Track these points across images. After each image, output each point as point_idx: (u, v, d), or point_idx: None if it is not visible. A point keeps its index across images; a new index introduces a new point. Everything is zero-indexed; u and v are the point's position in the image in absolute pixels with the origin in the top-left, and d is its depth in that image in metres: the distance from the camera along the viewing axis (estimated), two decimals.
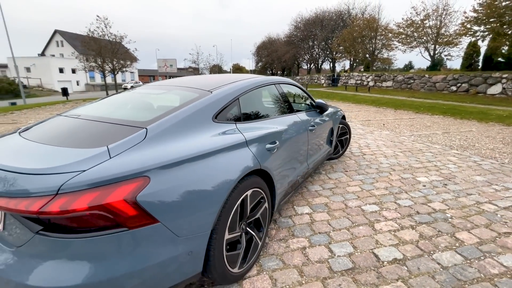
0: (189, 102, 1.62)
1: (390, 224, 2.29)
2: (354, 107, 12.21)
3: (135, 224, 1.06)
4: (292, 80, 2.98)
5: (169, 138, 1.34)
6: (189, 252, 1.22)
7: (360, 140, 5.42)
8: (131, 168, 1.09)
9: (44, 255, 1.01)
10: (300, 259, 1.85)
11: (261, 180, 1.73)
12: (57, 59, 39.41)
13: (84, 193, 0.99)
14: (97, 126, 1.47)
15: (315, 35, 41.50)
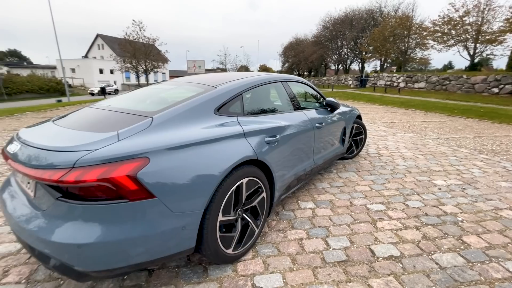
0: (193, 96, 1.78)
1: (393, 223, 2.27)
2: (380, 108, 11.75)
3: (135, 197, 1.23)
4: (302, 79, 3.04)
5: (172, 126, 1.50)
6: (182, 227, 1.37)
7: (379, 142, 5.27)
8: (134, 150, 1.27)
9: (62, 218, 1.22)
10: (295, 249, 1.93)
11: (258, 170, 1.84)
12: (98, 61, 42.74)
13: (94, 168, 1.18)
14: (113, 115, 1.68)
15: (343, 35, 40.36)
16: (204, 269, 1.72)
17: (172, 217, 1.33)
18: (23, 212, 1.35)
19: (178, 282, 1.61)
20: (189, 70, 38.59)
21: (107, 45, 45.94)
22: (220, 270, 1.71)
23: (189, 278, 1.64)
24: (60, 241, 1.17)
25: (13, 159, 1.37)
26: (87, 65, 40.58)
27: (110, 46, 44.16)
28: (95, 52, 48.65)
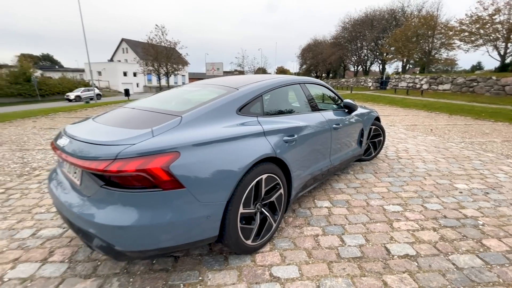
0: (217, 97, 1.92)
1: (410, 224, 2.28)
2: (401, 111, 11.44)
3: (167, 187, 1.38)
4: (320, 81, 3.10)
5: (199, 124, 1.65)
6: (207, 216, 1.51)
7: (399, 144, 5.18)
8: (166, 145, 1.42)
9: (105, 203, 1.39)
10: (311, 244, 2.01)
11: (277, 167, 1.94)
12: (122, 64, 44.79)
13: (133, 160, 1.34)
14: (146, 114, 1.86)
15: (363, 36, 39.50)
16: (225, 258, 1.85)
17: (199, 206, 1.47)
18: (71, 198, 1.55)
19: (201, 268, 1.75)
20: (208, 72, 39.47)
21: (131, 49, 48.02)
22: (240, 260, 1.83)
23: (211, 265, 1.77)
24: (104, 223, 1.34)
25: (63, 151, 1.57)
26: (112, 68, 42.64)
27: (134, 50, 46.14)
28: (119, 55, 51.00)
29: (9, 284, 1.62)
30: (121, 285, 1.60)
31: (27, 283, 1.63)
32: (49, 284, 1.61)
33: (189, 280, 1.64)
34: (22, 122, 8.66)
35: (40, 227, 2.24)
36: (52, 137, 6.09)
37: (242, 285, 1.60)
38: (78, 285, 1.61)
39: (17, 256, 1.87)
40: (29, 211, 2.54)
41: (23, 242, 2.04)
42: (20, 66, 26.60)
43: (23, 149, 4.95)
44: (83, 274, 1.70)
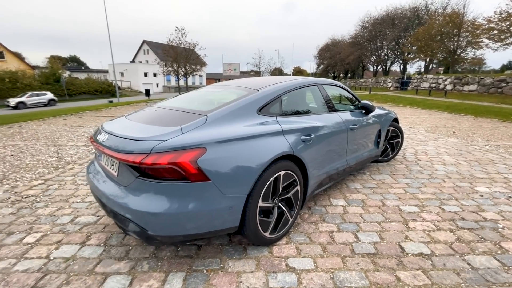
0: (239, 98, 2.05)
1: (426, 225, 2.30)
2: (422, 112, 11.10)
3: (195, 179, 1.52)
4: (338, 82, 3.16)
5: (223, 123, 1.79)
6: (229, 207, 1.64)
7: (418, 146, 5.09)
8: (194, 141, 1.57)
9: (140, 192, 1.56)
10: (326, 239, 2.09)
11: (294, 165, 2.04)
12: (143, 65, 46.42)
13: (165, 154, 1.50)
14: (174, 113, 2.02)
15: (384, 35, 38.41)
16: (243, 249, 1.97)
17: (222, 198, 1.61)
18: (109, 187, 1.74)
19: (222, 256, 1.89)
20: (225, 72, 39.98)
21: (151, 50, 49.63)
22: (258, 251, 1.94)
23: (231, 255, 1.91)
24: (139, 209, 1.51)
25: (102, 146, 1.77)
26: (134, 69, 44.31)
27: (154, 51, 47.65)
28: (141, 57, 52.86)
29: (55, 262, 1.84)
30: (151, 267, 1.77)
31: (69, 262, 1.84)
32: (88, 264, 1.81)
33: (211, 266, 1.79)
34: (54, 120, 9.30)
35: (77, 215, 2.48)
36: (83, 133, 6.52)
37: (260, 273, 1.72)
38: (114, 266, 1.79)
39: (59, 239, 2.10)
40: (67, 200, 2.80)
41: (64, 227, 2.28)
42: (51, 67, 28.36)
43: (57, 144, 5.36)
44: (117, 256, 1.89)
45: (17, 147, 5.09)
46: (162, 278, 1.68)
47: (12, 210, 2.59)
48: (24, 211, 2.56)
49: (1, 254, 1.92)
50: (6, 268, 1.77)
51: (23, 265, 1.81)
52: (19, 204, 2.70)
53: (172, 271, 1.74)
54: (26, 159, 4.27)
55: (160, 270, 1.75)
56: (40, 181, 3.35)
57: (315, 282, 1.64)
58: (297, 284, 1.62)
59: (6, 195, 2.91)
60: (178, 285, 1.62)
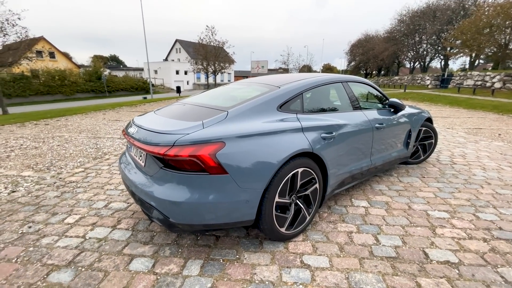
0: (260, 94, 2.08)
1: (456, 232, 2.15)
2: (464, 112, 10.21)
3: (214, 171, 1.59)
4: (364, 79, 3.05)
5: (243, 119, 1.83)
6: (246, 201, 1.69)
7: (455, 149, 4.72)
8: (214, 135, 1.63)
9: (164, 181, 1.67)
10: (344, 239, 2.05)
11: (313, 162, 2.03)
12: (175, 63, 48.42)
13: (187, 147, 1.58)
14: (197, 109, 2.12)
15: (423, 29, 35.73)
16: (260, 243, 2.01)
17: (239, 191, 1.66)
18: (137, 176, 1.88)
19: (238, 248, 1.95)
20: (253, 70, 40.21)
21: (183, 49, 51.56)
22: (273, 246, 1.97)
23: (247, 247, 1.96)
24: (162, 197, 1.62)
25: (132, 138, 1.91)
26: (167, 67, 46.40)
27: (186, 50, 49.44)
28: (173, 55, 55.17)
29: (89, 241, 2.04)
30: (172, 253, 1.89)
31: (102, 242, 2.03)
32: (118, 245, 1.99)
33: (228, 256, 1.86)
34: (94, 114, 10.13)
35: (111, 201, 2.71)
36: (119, 127, 7.04)
37: (274, 267, 1.75)
38: (139, 249, 1.94)
39: (94, 221, 2.32)
40: (102, 187, 3.07)
41: (98, 211, 2.51)
42: (94, 66, 30.79)
43: (96, 137, 5.85)
44: (143, 241, 2.05)
45: (63, 138, 5.65)
46: (181, 264, 1.78)
47: (57, 193, 2.90)
48: (66, 195, 2.85)
49: (47, 231, 2.17)
50: (49, 244, 2.00)
51: (64, 242, 2.03)
52: (63, 189, 3.02)
53: (191, 258, 1.84)
54: (70, 149, 4.73)
55: (180, 256, 1.86)
56: (81, 169, 3.70)
57: (329, 280, 1.63)
58: (311, 281, 1.63)
59: (52, 180, 3.27)
60: (196, 271, 1.71)
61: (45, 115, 9.21)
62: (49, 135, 5.96)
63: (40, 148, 4.80)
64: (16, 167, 3.74)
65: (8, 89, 22.65)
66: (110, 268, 1.74)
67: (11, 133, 6.23)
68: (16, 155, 4.35)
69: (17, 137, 5.70)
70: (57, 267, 1.75)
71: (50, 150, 4.68)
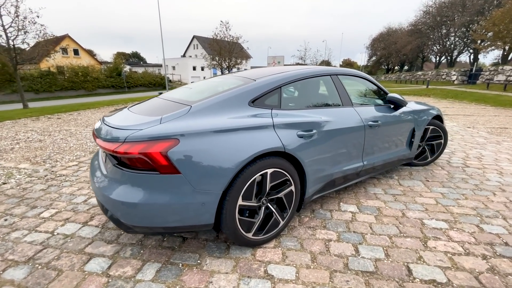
0: (232, 88, 1.92)
1: (451, 246, 1.88)
2: (490, 110, 9.39)
3: (165, 171, 1.47)
4: (360, 72, 2.78)
5: (206, 114, 1.69)
6: (202, 203, 1.55)
7: (471, 150, 4.29)
8: (167, 132, 1.50)
9: (115, 180, 1.58)
10: (319, 248, 1.86)
11: (286, 163, 1.85)
12: (192, 59, 49.03)
13: (137, 143, 1.47)
14: (167, 103, 2.00)
15: (451, 20, 33.46)
16: (227, 247, 1.88)
17: (194, 193, 1.52)
18: (98, 173, 1.81)
19: (202, 252, 1.83)
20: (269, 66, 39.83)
21: (200, 45, 52.03)
22: (240, 251, 1.83)
23: (212, 252, 1.83)
24: (112, 197, 1.52)
25: (95, 134, 1.83)
26: (184, 63, 47.13)
27: (203, 46, 49.81)
28: (191, 51, 55.87)
29: (56, 237, 2.00)
30: (132, 254, 1.80)
31: (68, 239, 1.99)
32: (82, 243, 1.93)
33: (188, 261, 1.74)
34: (107, 109, 10.41)
35: (91, 196, 2.69)
36: None
37: (234, 276, 1.61)
38: (101, 248, 1.88)
39: (68, 216, 2.30)
40: (88, 181, 3.06)
41: (76, 206, 2.49)
42: (114, 62, 31.89)
43: None
44: (108, 239, 1.98)
45: (68, 132, 5.81)
46: (138, 267, 1.69)
47: (44, 186, 2.93)
48: (52, 189, 2.87)
49: (20, 225, 2.17)
50: (17, 238, 1.99)
51: (32, 237, 2.01)
52: (51, 182, 3.05)
53: (150, 261, 1.74)
54: (71, 143, 4.83)
55: (140, 258, 1.77)
56: (75, 162, 3.74)
57: None
58: None
59: (44, 173, 3.32)
60: (150, 276, 1.61)
61: (60, 109, 9.60)
62: (57, 129, 6.16)
63: (44, 141, 4.96)
64: (16, 159, 3.86)
65: (36, 84, 24.07)
66: (65, 268, 1.68)
67: (24, 126, 6.51)
68: (20, 147, 4.51)
69: (27, 130, 5.94)
70: (16, 263, 1.72)
71: (52, 143, 4.81)
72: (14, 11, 9.94)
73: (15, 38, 10.25)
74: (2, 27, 9.99)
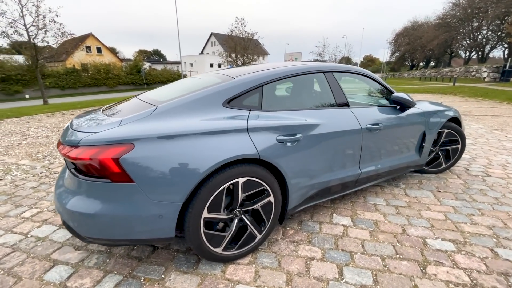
0: (206, 87, 1.75)
1: (455, 274, 1.60)
2: None
3: (117, 179, 1.33)
4: (361, 69, 2.49)
5: (173, 116, 1.53)
6: (159, 215, 1.40)
7: (495, 156, 3.83)
8: (124, 135, 1.36)
9: (70, 186, 1.47)
10: (298, 268, 1.66)
11: (264, 171, 1.65)
12: (210, 56, 49.41)
13: (90, 148, 1.34)
14: (137, 104, 1.85)
15: (484, 12, 31.02)
16: (197, 261, 1.72)
17: (149, 204, 1.37)
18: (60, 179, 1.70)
19: (169, 265, 1.68)
20: None
21: (217, 42, 52.26)
22: (210, 267, 1.67)
23: (180, 265, 1.68)
24: (64, 203, 1.41)
25: None
26: (202, 60, 47.62)
27: (220, 43, 50.02)
28: (209, 48, 56.30)
29: (28, 240, 1.95)
30: (96, 264, 1.70)
31: (39, 242, 1.92)
32: (50, 248, 1.86)
33: (152, 275, 1.60)
34: None
35: None
36: None
37: None
38: (68, 254, 1.79)
39: (47, 218, 2.25)
40: None
41: None
42: (134, 60, 32.85)
43: None
44: (77, 245, 1.89)
45: None
46: (98, 279, 1.57)
47: (35, 184, 2.94)
48: (42, 187, 2.87)
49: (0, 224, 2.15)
50: None
51: (5, 238, 1.97)
52: (43, 180, 3.05)
53: (112, 272, 1.62)
54: None
55: (103, 268, 1.66)
56: None
57: None
58: None
59: (40, 170, 3.35)
60: None
61: (76, 106, 9.94)
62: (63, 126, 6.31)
63: (50, 137, 5.08)
64: (19, 155, 3.95)
65: (62, 81, 25.35)
66: (25, 275, 1.60)
67: (38, 121, 6.76)
68: (27, 143, 4.64)
69: (39, 126, 6.15)
70: None
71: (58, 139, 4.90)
72: (35, 11, 10.41)
73: (35, 36, 10.75)
74: (24, 26, 10.50)
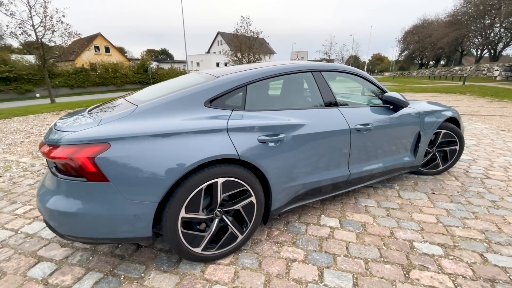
0: (187, 86, 1.75)
1: (439, 279, 1.56)
2: None
3: (92, 178, 1.34)
4: (352, 68, 2.44)
5: (153, 116, 1.53)
6: (134, 215, 1.40)
7: (498, 158, 3.72)
8: (101, 135, 1.37)
9: (48, 184, 1.49)
10: (278, 269, 1.64)
11: (244, 171, 1.64)
12: (216, 55, 49.57)
13: (68, 147, 1.35)
14: (123, 104, 1.86)
15: (497, 9, 30.12)
16: (178, 261, 1.72)
17: (125, 203, 1.38)
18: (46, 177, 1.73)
19: (150, 264, 1.69)
20: None
21: (224, 41, 52.38)
22: (191, 267, 1.67)
23: (160, 264, 1.69)
24: (41, 200, 1.44)
25: None
26: (208, 59, 47.82)
27: (227, 42, 50.15)
28: (215, 47, 56.50)
29: (17, 236, 1.99)
30: (80, 261, 1.72)
31: (28, 238, 1.96)
32: (38, 244, 1.89)
33: (132, 274, 1.61)
34: None
35: None
36: None
37: None
38: (53, 251, 1.82)
39: (39, 215, 2.29)
40: None
41: None
42: (142, 59, 33.26)
43: None
44: (64, 242, 1.92)
45: None
46: (79, 276, 1.60)
47: (32, 181, 3.00)
48: (37, 184, 2.93)
49: None
50: None
51: None
52: (41, 177, 3.12)
53: (94, 270, 1.64)
54: None
55: (85, 266, 1.68)
56: None
57: None
58: None
59: (38, 168, 3.42)
60: (87, 287, 1.51)
61: (81, 105, 10.13)
62: None
63: None
64: (20, 153, 4.05)
65: (71, 80, 25.88)
66: (10, 270, 1.64)
67: (43, 120, 6.92)
68: (29, 141, 4.75)
69: (43, 124, 6.29)
70: None
71: None
72: (43, 11, 10.64)
73: (42, 36, 10.99)
74: (32, 27, 10.75)
